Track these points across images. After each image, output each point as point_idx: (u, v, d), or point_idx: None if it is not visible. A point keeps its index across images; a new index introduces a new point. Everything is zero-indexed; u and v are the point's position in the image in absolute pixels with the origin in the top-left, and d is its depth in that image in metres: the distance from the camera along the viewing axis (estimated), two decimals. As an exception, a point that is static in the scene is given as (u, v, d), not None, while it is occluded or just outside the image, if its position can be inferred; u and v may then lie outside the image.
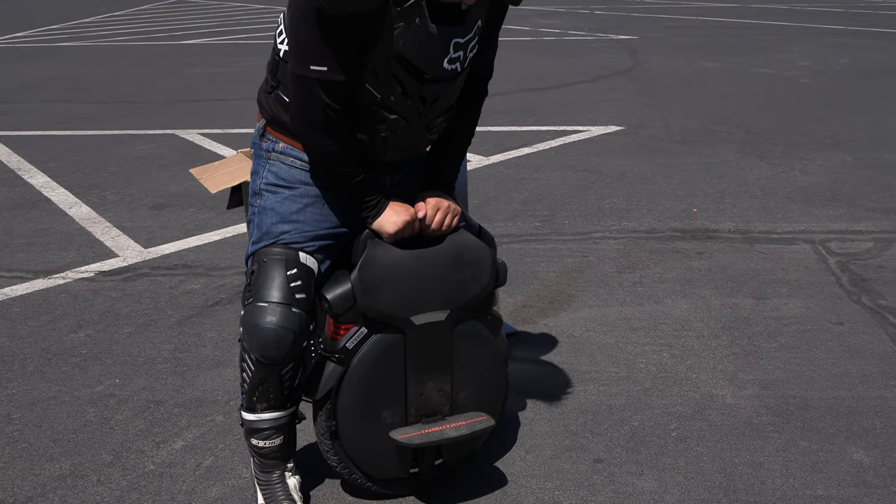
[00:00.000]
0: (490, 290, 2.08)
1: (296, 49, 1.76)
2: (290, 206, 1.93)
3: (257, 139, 2.02)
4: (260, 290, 1.89)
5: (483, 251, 2.05)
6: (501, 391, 2.19)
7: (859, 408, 2.53)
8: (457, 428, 2.05)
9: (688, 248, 3.85)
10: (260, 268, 1.91)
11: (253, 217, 1.99)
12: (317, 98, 1.77)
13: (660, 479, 2.22)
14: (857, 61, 9.19)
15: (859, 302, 3.26)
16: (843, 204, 4.42)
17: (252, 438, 2.03)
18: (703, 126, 6.27)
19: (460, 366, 2.07)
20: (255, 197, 1.98)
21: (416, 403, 2.04)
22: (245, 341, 1.91)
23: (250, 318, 1.88)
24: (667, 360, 2.84)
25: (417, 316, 1.97)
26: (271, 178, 1.95)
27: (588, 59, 9.75)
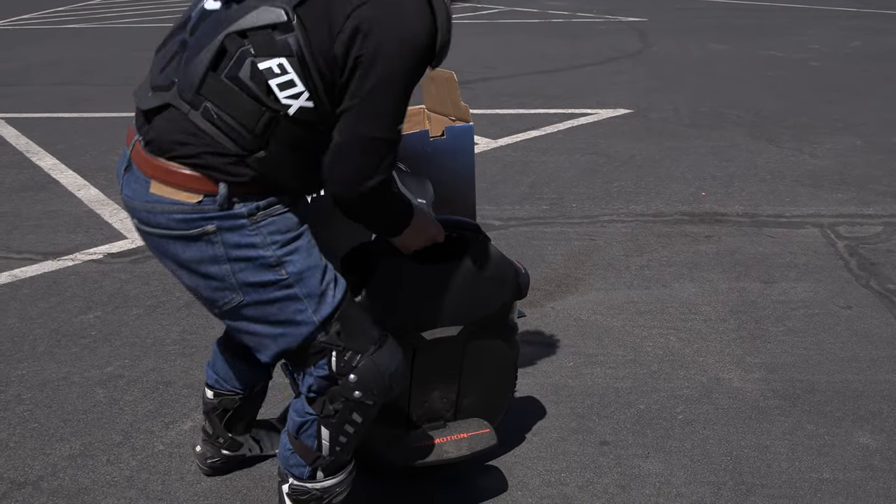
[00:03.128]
0: (510, 305, 2.03)
1: (382, 112, 1.54)
2: (314, 253, 1.66)
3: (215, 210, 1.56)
4: (363, 342, 1.66)
5: (506, 267, 1.99)
6: (506, 398, 2.16)
7: (866, 392, 2.53)
8: (458, 445, 2.00)
9: (696, 232, 3.84)
10: (344, 322, 1.65)
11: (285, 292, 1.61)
12: (384, 161, 1.58)
13: (666, 462, 2.23)
14: (869, 44, 9.11)
15: (868, 286, 3.25)
16: (852, 188, 4.40)
17: (335, 499, 1.84)
18: (712, 109, 6.23)
19: (468, 375, 2.03)
20: (275, 270, 1.60)
21: (419, 409, 2.02)
22: (372, 398, 1.68)
23: (376, 373, 1.66)
24: (674, 344, 2.85)
25: (429, 332, 1.91)
26: (279, 238, 1.61)
27: (596, 41, 9.69)
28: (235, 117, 1.52)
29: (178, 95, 1.56)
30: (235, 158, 1.54)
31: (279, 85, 1.50)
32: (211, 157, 1.54)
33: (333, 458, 1.77)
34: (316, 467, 1.78)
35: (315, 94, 1.52)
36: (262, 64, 1.50)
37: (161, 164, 1.57)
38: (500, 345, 2.06)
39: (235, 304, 1.62)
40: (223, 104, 1.52)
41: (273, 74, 1.50)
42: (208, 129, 1.53)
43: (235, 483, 2.17)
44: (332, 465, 1.79)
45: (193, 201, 1.56)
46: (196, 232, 1.57)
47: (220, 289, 1.62)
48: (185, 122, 1.55)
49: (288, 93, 1.51)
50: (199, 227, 1.57)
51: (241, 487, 2.16)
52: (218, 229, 1.57)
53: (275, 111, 1.51)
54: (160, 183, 1.58)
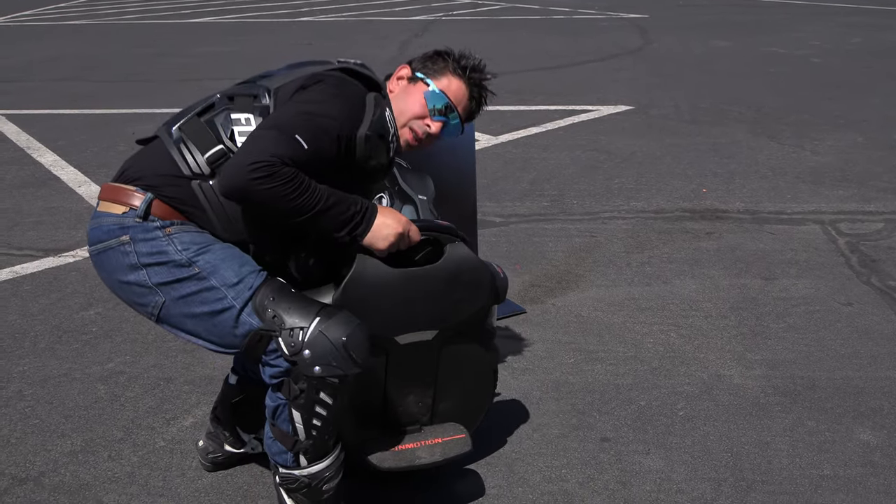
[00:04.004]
0: (486, 309, 2.01)
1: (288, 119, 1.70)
2: (231, 252, 1.74)
3: (131, 222, 1.72)
4: (302, 315, 1.67)
5: (482, 272, 1.95)
6: (485, 402, 2.13)
7: (867, 388, 2.53)
8: (431, 449, 1.97)
9: (696, 229, 3.84)
10: (276, 301, 1.69)
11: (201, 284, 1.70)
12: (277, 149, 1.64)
13: (666, 458, 2.23)
14: (869, 40, 9.09)
15: (869, 283, 3.25)
16: (853, 184, 4.40)
17: (323, 487, 1.84)
18: (713, 106, 6.23)
19: (444, 380, 2.00)
20: (188, 268, 1.70)
21: (394, 413, 1.99)
22: (332, 371, 1.68)
23: (327, 342, 1.66)
24: (674, 340, 2.85)
25: (402, 336, 1.88)
26: (192, 245, 1.72)
27: (598, 37, 9.68)
28: (196, 145, 1.76)
29: (165, 130, 1.83)
30: (178, 180, 1.75)
31: (241, 132, 1.75)
32: (158, 177, 1.76)
33: (312, 442, 1.78)
34: (297, 452, 1.79)
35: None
36: (234, 115, 1.78)
37: (111, 186, 1.80)
38: (477, 349, 2.03)
39: (160, 304, 1.73)
40: (192, 136, 1.77)
41: (239, 123, 1.76)
42: (173, 152, 1.77)
43: (237, 479, 2.17)
44: (313, 451, 1.80)
45: (119, 212, 1.75)
46: (112, 241, 1.74)
47: (144, 294, 1.75)
48: (157, 153, 1.80)
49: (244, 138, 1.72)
50: (115, 236, 1.74)
51: (242, 483, 2.16)
52: (131, 240, 1.73)
53: (228, 149, 1.74)
54: (103, 201, 1.80)
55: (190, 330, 1.75)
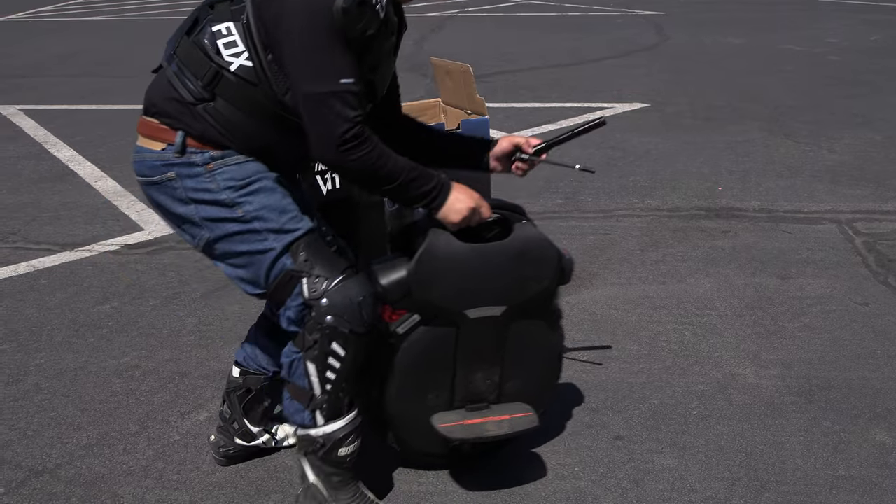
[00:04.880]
0: (552, 290, 2.03)
1: (315, 70, 1.68)
2: (276, 195, 1.81)
3: (171, 158, 1.79)
4: (330, 269, 1.78)
5: (549, 250, 1.99)
6: (551, 383, 2.16)
7: (883, 389, 2.52)
8: (499, 424, 2.01)
9: (712, 227, 3.82)
10: (310, 252, 1.79)
11: (245, 227, 1.79)
12: (343, 114, 1.68)
13: (680, 458, 2.22)
14: (889, 38, 9.01)
15: (885, 283, 3.23)
16: (870, 183, 4.36)
17: (340, 450, 1.89)
18: (728, 103, 6.19)
19: (512, 359, 2.03)
20: (233, 209, 1.79)
21: (463, 390, 2.03)
22: (344, 324, 1.78)
23: (344, 297, 1.77)
24: (689, 339, 2.84)
25: (472, 310, 1.93)
26: (235, 183, 1.79)
27: (613, 34, 9.64)
28: (191, 70, 1.78)
29: (165, 58, 1.85)
30: (189, 107, 1.78)
31: (225, 44, 1.75)
32: (170, 106, 1.80)
33: (326, 397, 1.84)
34: (313, 409, 1.86)
35: (255, 55, 1.74)
36: (214, 27, 1.77)
37: (142, 120, 1.87)
38: (544, 330, 2.07)
39: (206, 239, 1.84)
40: (186, 60, 1.79)
41: (221, 35, 1.76)
42: (174, 80, 1.80)
43: (250, 474, 2.19)
44: (328, 408, 1.86)
45: (158, 149, 1.81)
46: (161, 178, 1.83)
47: (191, 226, 1.85)
48: (163, 79, 1.84)
49: (231, 51, 1.75)
50: (162, 173, 1.82)
51: (255, 478, 2.17)
52: (177, 176, 1.81)
53: (220, 67, 1.75)
54: (140, 135, 1.87)
55: (230, 263, 1.85)
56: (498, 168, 2.13)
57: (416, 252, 1.87)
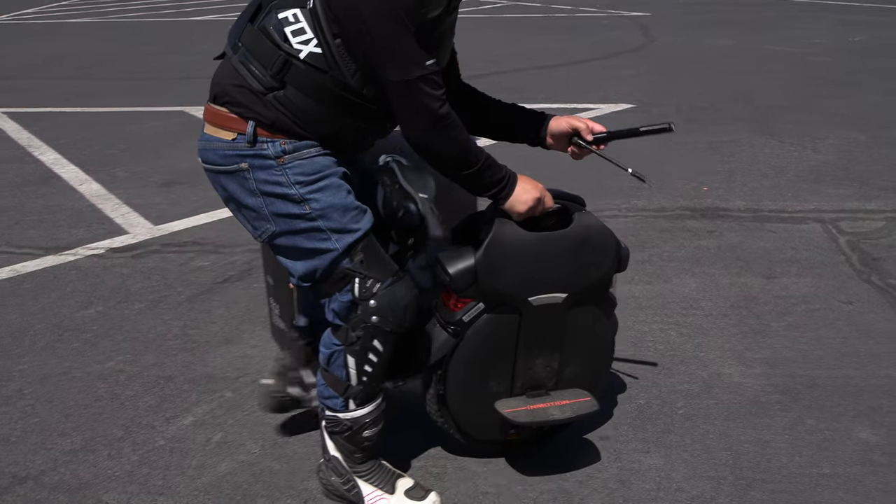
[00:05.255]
0: (610, 275, 2.08)
1: (398, 58, 1.71)
2: (341, 194, 1.84)
3: (244, 149, 1.80)
4: (382, 272, 1.85)
5: (609, 238, 2.05)
6: (605, 368, 2.23)
7: (867, 387, 2.53)
8: (562, 409, 2.07)
9: (697, 227, 3.84)
10: (366, 254, 1.85)
11: (311, 224, 1.83)
12: (433, 94, 1.74)
13: (666, 457, 2.23)
14: (871, 38, 9.07)
15: (869, 281, 3.25)
16: (854, 183, 4.39)
17: (364, 433, 1.98)
18: (714, 104, 6.22)
19: (570, 345, 2.09)
20: (301, 205, 1.82)
21: (524, 376, 2.09)
22: (389, 325, 1.85)
23: (392, 300, 1.84)
24: (674, 339, 2.84)
25: (536, 297, 1.98)
26: (304, 178, 1.82)
27: (599, 35, 9.67)
28: (259, 59, 1.77)
29: (229, 45, 1.86)
30: (259, 96, 1.78)
31: (293, 31, 1.75)
32: (240, 94, 1.79)
33: (362, 387, 1.93)
34: (347, 397, 1.94)
35: (324, 41, 1.74)
36: (280, 14, 1.76)
37: (211, 108, 1.87)
38: (601, 316, 2.12)
39: (270, 232, 1.87)
40: (252, 48, 1.79)
41: (288, 23, 1.75)
42: (240, 69, 1.80)
43: (236, 478, 2.18)
44: (362, 395, 1.94)
45: (229, 138, 1.82)
46: (233, 168, 1.84)
47: (257, 218, 1.87)
48: (229, 67, 1.84)
49: (299, 38, 1.75)
50: (234, 163, 1.83)
51: (241, 482, 2.16)
52: (250, 167, 1.82)
53: (289, 55, 1.75)
54: (209, 123, 1.88)
55: (289, 256, 1.90)
56: (553, 146, 2.17)
57: (482, 241, 1.93)
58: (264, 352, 2.80)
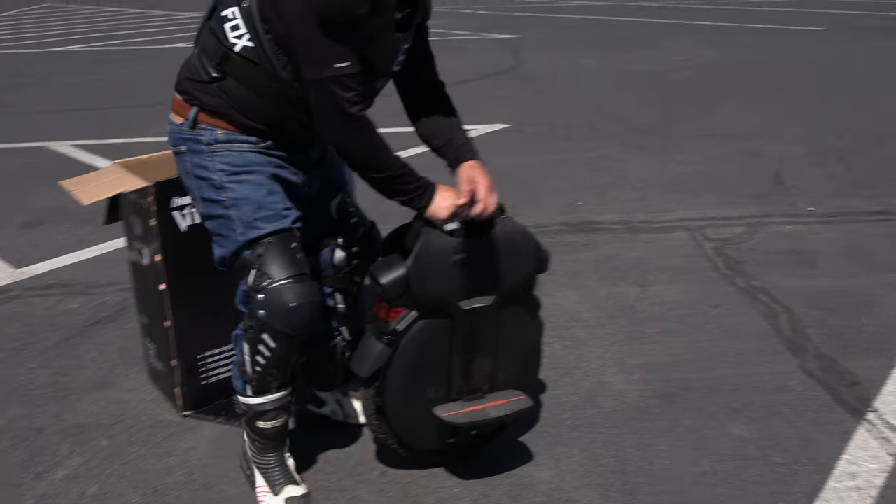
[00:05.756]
0: (534, 276, 2.15)
1: (311, 56, 1.80)
2: (260, 191, 1.96)
3: (186, 132, 1.98)
4: (276, 271, 1.93)
5: (531, 240, 2.12)
6: (536, 368, 2.29)
7: (738, 385, 2.66)
8: (498, 408, 2.13)
9: (574, 241, 3.95)
10: (266, 250, 1.94)
11: (225, 211, 1.96)
12: (343, 96, 1.81)
13: (556, 469, 2.27)
14: (725, 55, 9.66)
15: (734, 284, 3.43)
16: (716, 192, 4.64)
17: (259, 422, 2.06)
18: (585, 121, 6.45)
19: (502, 347, 2.14)
20: (219, 191, 1.96)
21: (459, 381, 2.12)
22: (273, 322, 1.93)
23: (277, 299, 1.91)
24: (558, 351, 2.91)
25: (466, 301, 2.04)
26: (228, 168, 1.96)
27: (472, 58, 9.87)
28: (207, 53, 1.95)
29: (193, 41, 2.03)
30: (205, 85, 1.95)
31: (230, 27, 1.90)
32: (190, 83, 1.98)
33: (255, 377, 2.01)
34: (245, 382, 2.03)
35: (255, 37, 1.87)
36: (223, 12, 1.92)
37: (173, 96, 2.05)
38: (528, 318, 2.18)
39: (200, 212, 2.04)
40: (204, 43, 1.97)
41: (227, 20, 1.90)
42: (195, 62, 1.99)
43: (115, 530, 2.06)
44: (256, 385, 2.02)
45: (178, 122, 2.00)
46: (177, 149, 2.03)
47: (193, 199, 2.06)
48: (189, 60, 2.02)
49: (235, 34, 1.90)
50: (178, 145, 2.02)
51: (121, 534, 2.05)
52: (188, 150, 1.99)
53: (227, 48, 1.91)
54: (171, 109, 2.05)
55: (212, 240, 2.04)
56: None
57: (411, 250, 1.98)
58: (141, 395, 2.68)
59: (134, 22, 15.96)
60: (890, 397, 2.56)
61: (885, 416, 2.46)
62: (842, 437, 2.37)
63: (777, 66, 8.78)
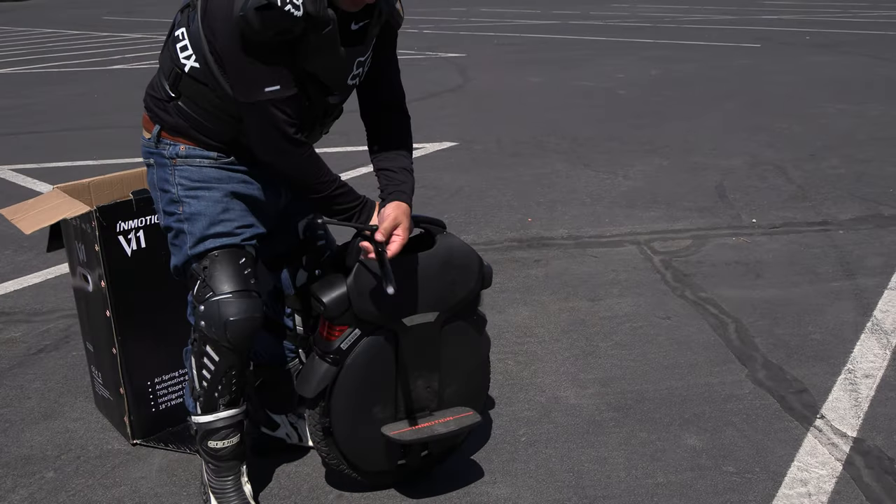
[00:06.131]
0: (476, 292, 2.15)
1: (241, 80, 1.81)
2: (216, 208, 1.98)
3: (153, 147, 2.02)
4: (218, 284, 1.95)
5: (471, 256, 2.12)
6: (485, 386, 2.28)
7: (689, 396, 2.70)
8: (445, 424, 2.13)
9: (525, 257, 3.98)
10: (212, 263, 1.96)
11: (179, 225, 1.99)
12: (276, 119, 1.82)
13: (513, 485, 2.27)
14: (666, 72, 9.88)
15: (683, 296, 3.49)
16: (662, 205, 4.73)
17: (210, 441, 2.06)
18: (532, 138, 6.52)
19: (448, 364, 2.15)
20: (176, 205, 1.99)
21: (406, 400, 2.12)
22: (212, 334, 1.95)
23: (216, 311, 1.93)
24: (512, 368, 2.92)
25: (409, 318, 2.04)
26: (186, 182, 1.98)
27: (419, 77, 9.91)
28: (164, 72, 1.98)
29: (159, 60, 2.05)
30: (163, 104, 1.98)
31: (180, 48, 1.93)
32: (152, 101, 2.03)
33: (202, 392, 2.02)
34: (195, 399, 2.05)
35: (201, 58, 1.88)
36: (175, 32, 1.95)
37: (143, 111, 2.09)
38: (473, 334, 2.19)
39: (160, 223, 2.07)
40: (162, 63, 2.00)
41: (178, 40, 1.93)
42: (156, 81, 2.02)
43: (62, 566, 1.99)
44: (204, 401, 2.03)
45: (146, 137, 2.05)
46: (146, 162, 2.07)
47: (157, 210, 2.08)
48: (154, 78, 2.05)
49: (184, 54, 1.92)
50: (146, 158, 2.06)
51: (69, 570, 1.98)
52: (155, 164, 2.03)
53: (179, 68, 1.93)
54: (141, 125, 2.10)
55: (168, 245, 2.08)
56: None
57: (352, 267, 1.98)
58: (88, 424, 2.60)
59: (74, 43, 15.65)
60: (836, 403, 2.63)
61: (832, 422, 2.52)
62: (792, 444, 2.42)
63: (715, 81, 9.01)
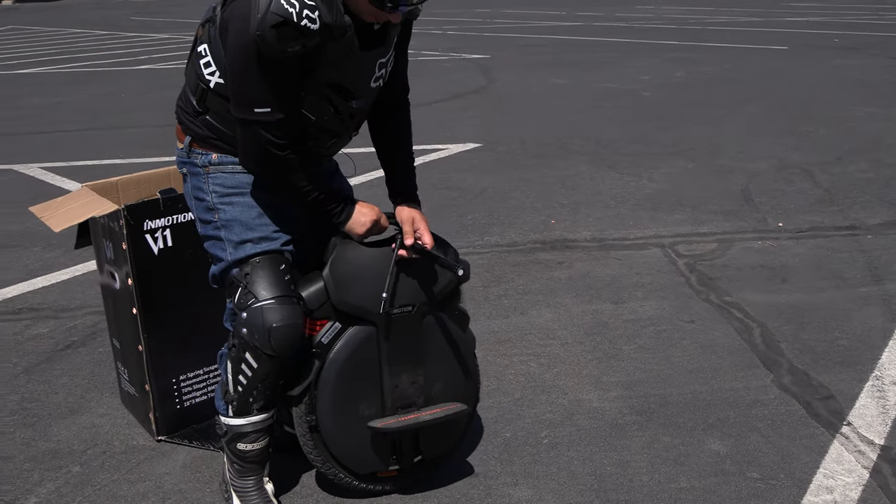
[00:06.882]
0: (454, 285, 2.18)
1: (237, 96, 1.85)
2: (251, 212, 2.00)
3: (185, 157, 2.06)
4: (261, 290, 1.96)
5: (448, 250, 2.16)
6: (474, 383, 2.28)
7: (713, 400, 2.68)
8: (433, 414, 2.14)
9: (548, 259, 3.97)
10: (253, 269, 1.98)
11: (217, 232, 2.02)
12: (260, 138, 1.87)
13: (534, 488, 2.26)
14: (691, 73, 9.81)
15: (708, 300, 3.46)
16: (687, 208, 4.69)
17: (239, 443, 2.07)
18: (556, 140, 6.50)
19: (432, 358, 2.16)
20: (211, 213, 2.02)
21: (392, 395, 2.12)
22: (254, 341, 1.95)
23: (259, 318, 1.93)
24: (534, 370, 2.91)
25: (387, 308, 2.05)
26: (220, 189, 2.01)
27: (443, 78, 9.92)
28: (190, 88, 2.02)
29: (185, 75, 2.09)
30: (192, 118, 2.03)
31: (204, 64, 1.96)
32: (182, 114, 2.07)
33: (237, 396, 2.03)
34: (227, 402, 2.06)
35: (225, 73, 1.90)
36: (199, 48, 1.97)
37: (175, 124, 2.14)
38: (455, 329, 2.20)
39: (199, 232, 2.10)
40: (188, 78, 2.03)
41: (201, 56, 1.96)
42: (185, 95, 2.06)
43: (88, 560, 2.02)
44: (236, 406, 2.04)
45: (179, 147, 2.09)
46: (182, 172, 2.11)
47: (195, 219, 2.11)
48: (182, 90, 2.08)
49: (208, 70, 1.95)
50: (180, 168, 2.11)
51: (94, 564, 2.00)
52: (189, 174, 2.08)
53: (204, 84, 1.96)
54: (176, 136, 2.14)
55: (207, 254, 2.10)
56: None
57: (327, 261, 2.02)
58: (114, 420, 2.63)
59: (102, 44, 15.83)
60: (863, 410, 2.59)
61: (859, 429, 2.49)
62: (817, 451, 2.39)
63: (742, 84, 8.93)
